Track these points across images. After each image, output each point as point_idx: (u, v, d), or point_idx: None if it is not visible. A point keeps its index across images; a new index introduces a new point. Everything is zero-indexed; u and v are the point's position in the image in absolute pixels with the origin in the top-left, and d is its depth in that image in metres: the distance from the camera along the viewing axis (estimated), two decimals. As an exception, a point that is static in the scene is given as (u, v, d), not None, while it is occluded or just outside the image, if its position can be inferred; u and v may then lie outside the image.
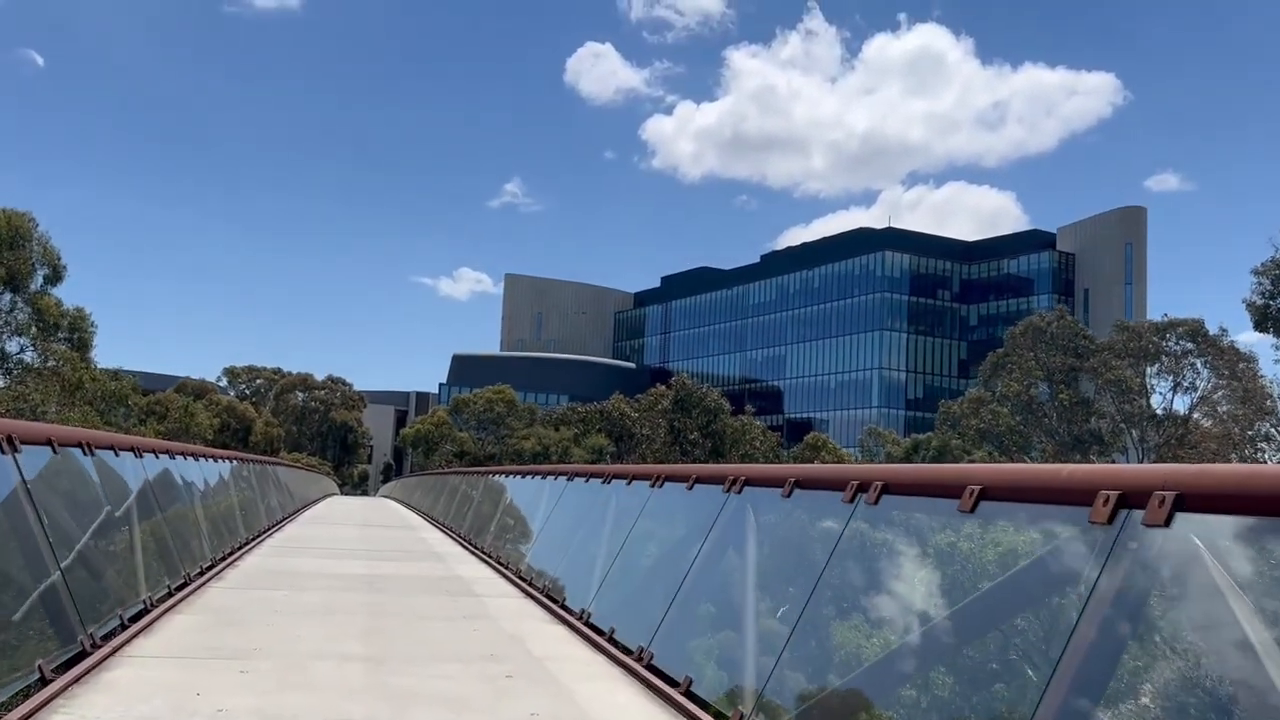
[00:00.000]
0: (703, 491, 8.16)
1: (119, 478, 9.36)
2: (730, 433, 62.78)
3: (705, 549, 7.39)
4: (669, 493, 9.01)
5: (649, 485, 9.35)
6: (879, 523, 5.38)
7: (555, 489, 13.92)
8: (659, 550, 8.92)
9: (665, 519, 9.17)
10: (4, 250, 26.96)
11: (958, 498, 4.63)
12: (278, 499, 23.50)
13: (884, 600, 5.26)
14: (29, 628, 6.18)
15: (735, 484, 7.30)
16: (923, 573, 4.97)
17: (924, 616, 4.81)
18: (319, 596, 10.16)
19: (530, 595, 11.14)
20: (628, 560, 9.26)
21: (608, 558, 9.80)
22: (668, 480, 9.06)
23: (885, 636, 5.24)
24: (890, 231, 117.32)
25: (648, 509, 9.33)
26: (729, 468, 7.78)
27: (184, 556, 10.76)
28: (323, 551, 15.61)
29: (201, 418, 61.04)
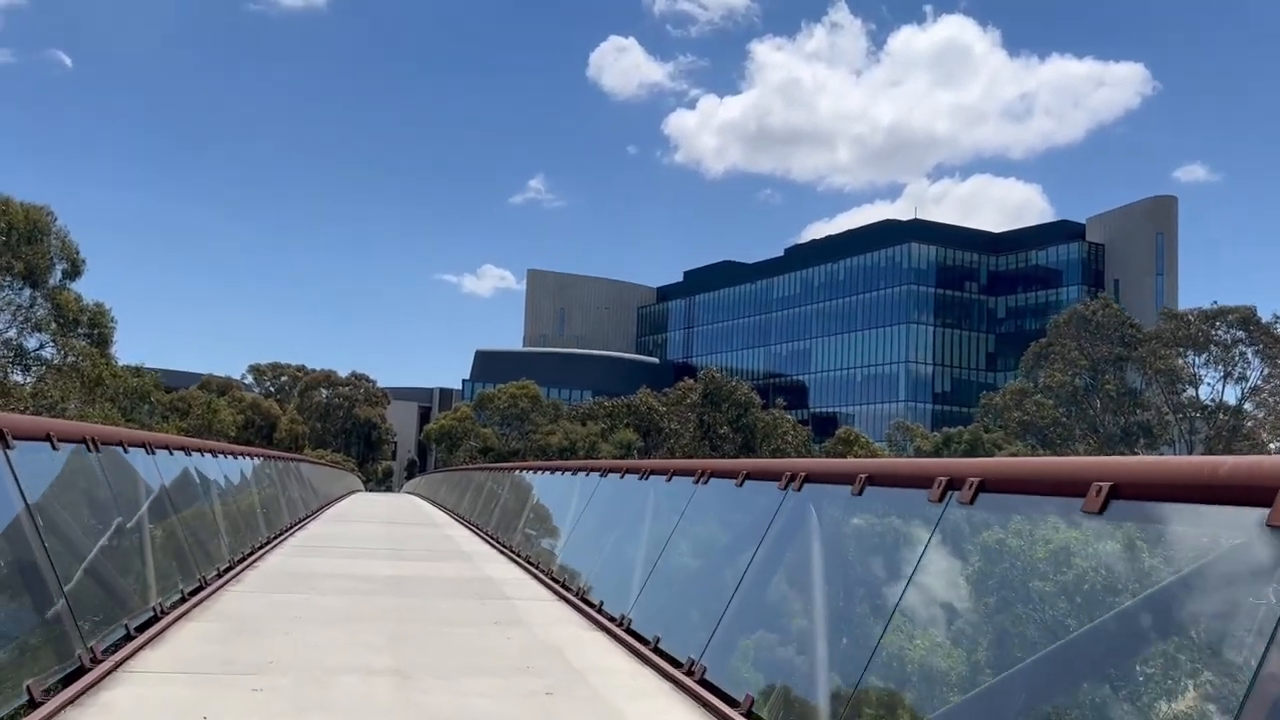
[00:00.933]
0: (755, 489, 7.51)
1: (129, 476, 8.81)
2: (761, 427, 61.79)
3: (762, 552, 6.74)
4: (715, 490, 8.37)
5: (692, 482, 8.71)
6: (976, 525, 4.72)
7: (587, 486, 13.30)
8: (707, 553, 8.27)
9: (712, 519, 8.53)
10: (22, 245, 26.57)
11: (1079, 495, 3.97)
12: (301, 496, 23.02)
13: (979, 614, 4.59)
14: (20, 642, 5.61)
15: (794, 480, 6.65)
16: (1036, 584, 4.30)
17: (1040, 635, 4.14)
18: (342, 601, 9.57)
19: (564, 598, 10.53)
20: (670, 563, 8.62)
21: (648, 560, 9.17)
22: (714, 476, 8.42)
23: (978, 656, 4.58)
24: (916, 223, 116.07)
25: (691, 508, 8.69)
26: (785, 462, 7.12)
27: (200, 558, 10.20)
28: (346, 551, 15.07)
29: (224, 414, 60.83)
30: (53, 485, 6.87)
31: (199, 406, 57.82)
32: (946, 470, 5.02)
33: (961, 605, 4.71)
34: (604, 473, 12.61)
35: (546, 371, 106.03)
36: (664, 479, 9.75)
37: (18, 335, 27.89)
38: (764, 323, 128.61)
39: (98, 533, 7.46)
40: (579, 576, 11.08)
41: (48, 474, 6.82)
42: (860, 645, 5.14)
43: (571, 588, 10.92)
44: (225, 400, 74.25)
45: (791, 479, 6.71)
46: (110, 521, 7.78)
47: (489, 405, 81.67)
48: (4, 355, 26.68)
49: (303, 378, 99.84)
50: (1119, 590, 3.76)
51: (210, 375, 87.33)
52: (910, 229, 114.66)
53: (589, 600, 10.14)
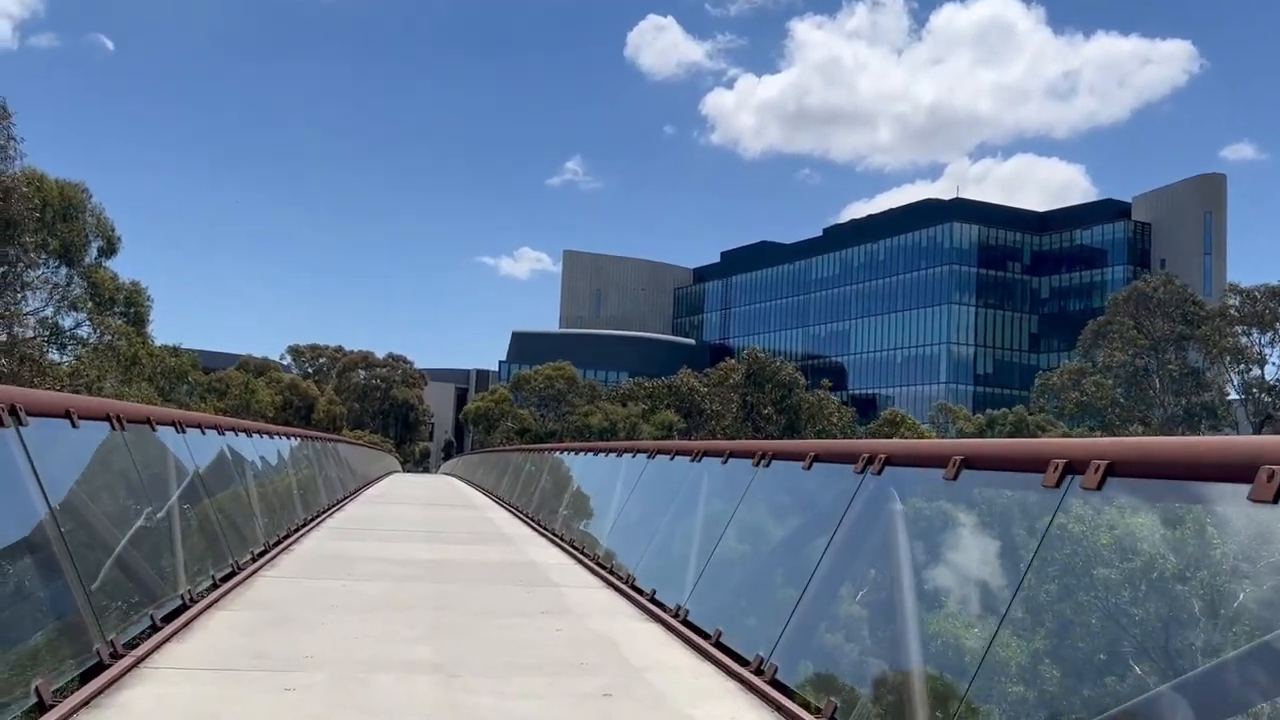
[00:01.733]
0: (826, 472, 6.91)
1: (158, 456, 8.36)
2: (806, 408, 60.74)
3: (838, 542, 6.14)
4: (779, 474, 7.78)
5: (752, 464, 8.12)
6: (1109, 514, 4.10)
7: (634, 468, 12.75)
8: (771, 541, 7.69)
9: (776, 504, 7.95)
10: (57, 222, 26.35)
11: (1244, 482, 3.36)
12: (338, 477, 22.69)
13: (1104, 614, 3.98)
14: (34, 637, 5.14)
15: (873, 463, 6.04)
16: (1198, 582, 3.67)
17: (1199, 644, 3.53)
18: (380, 587, 9.10)
19: (613, 586, 9.99)
20: (730, 551, 8.04)
21: (703, 547, 8.60)
22: (776, 458, 7.82)
23: (1110, 667, 3.98)
24: (958, 202, 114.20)
25: (752, 492, 8.11)
26: (861, 444, 6.51)
27: (233, 542, 9.77)
28: (384, 534, 14.64)
29: (262, 394, 60.85)
30: (72, 466, 6.41)
31: (237, 387, 57.78)
32: (1065, 452, 4.40)
33: (1093, 603, 4.10)
34: (651, 454, 12.06)
35: (582, 353, 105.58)
36: (719, 461, 9.17)
37: (54, 314, 27.83)
38: (802, 304, 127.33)
39: (122, 516, 7.01)
40: (627, 563, 10.55)
41: (67, 454, 6.36)
42: (963, 652, 4.55)
43: (620, 574, 10.39)
44: (263, 381, 74.50)
45: (870, 461, 6.11)
46: (136, 504, 7.33)
47: (525, 386, 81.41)
48: (40, 334, 26.58)
49: (341, 359, 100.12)
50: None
51: (249, 356, 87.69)
52: (952, 208, 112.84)
53: (639, 588, 9.60)
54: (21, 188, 22.09)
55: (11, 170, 22.07)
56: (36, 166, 25.46)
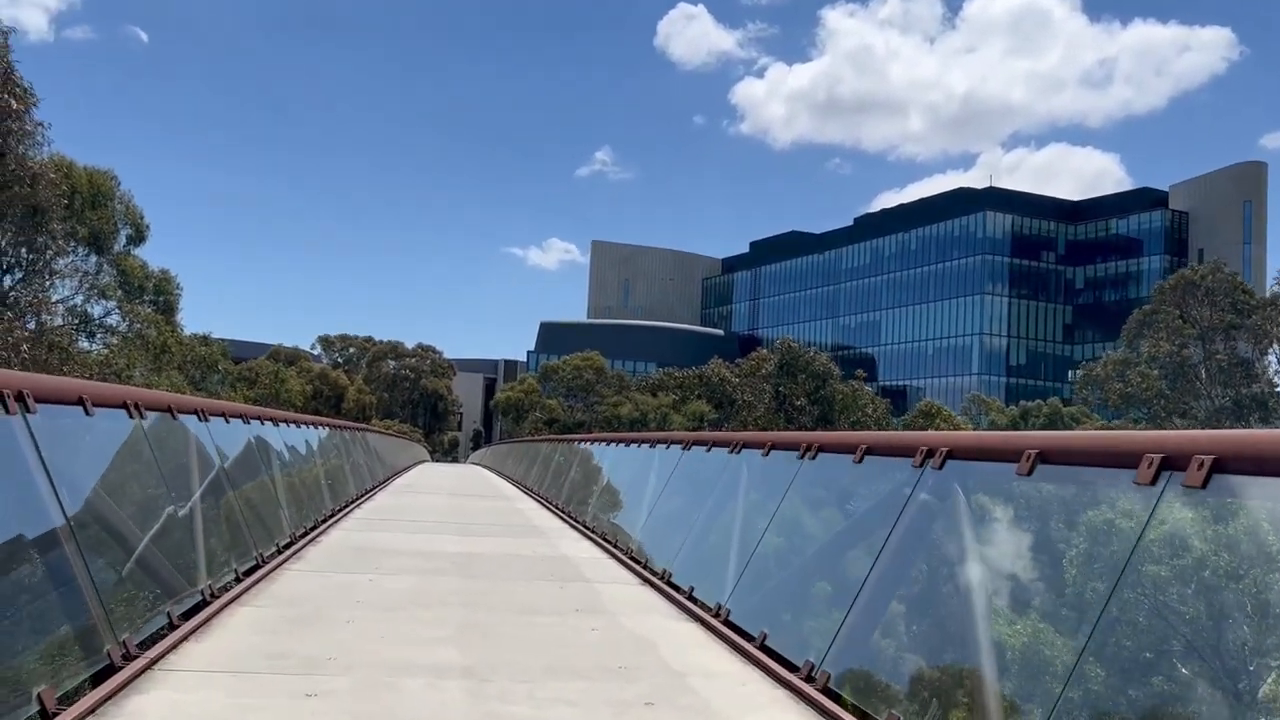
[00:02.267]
0: (880, 466, 6.51)
1: (179, 445, 8.07)
2: (840, 399, 59.92)
3: (895, 541, 5.74)
4: (826, 467, 7.37)
5: (797, 457, 7.72)
6: (1219, 515, 3.68)
7: (668, 459, 12.38)
8: (819, 538, 7.28)
9: (823, 500, 7.55)
10: (86, 210, 26.25)
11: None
12: (367, 467, 22.48)
13: (1240, 630, 3.57)
14: (40, 639, 4.83)
15: (933, 456, 5.63)
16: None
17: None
18: (408, 582, 8.78)
19: (648, 582, 9.63)
20: (774, 548, 7.65)
21: (745, 544, 8.22)
22: (824, 451, 7.42)
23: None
24: (991, 191, 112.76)
25: (797, 486, 7.70)
26: (919, 435, 6.11)
27: (257, 534, 9.48)
28: (413, 525, 14.35)
29: (292, 384, 60.88)
30: (84, 456, 6.11)
31: (266, 376, 57.79)
32: (1160, 445, 3.98)
33: (1204, 613, 3.69)
34: (687, 445, 11.68)
35: (610, 343, 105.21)
36: (760, 453, 8.78)
37: (84, 302, 27.79)
38: (832, 294, 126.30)
39: (139, 509, 6.71)
40: (662, 558, 10.18)
41: (79, 443, 6.06)
42: (1045, 664, 4.14)
43: (655, 570, 10.02)
44: (294, 370, 74.70)
45: (930, 454, 5.70)
46: (154, 496, 7.04)
47: (554, 377, 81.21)
48: (69, 322, 26.50)
49: (370, 349, 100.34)
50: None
51: (279, 346, 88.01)
52: (985, 197, 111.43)
53: (675, 585, 9.24)
54: (49, 174, 21.98)
55: (39, 156, 22.01)
56: (65, 154, 25.56)
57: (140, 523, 6.56)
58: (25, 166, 20.87)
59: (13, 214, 21.49)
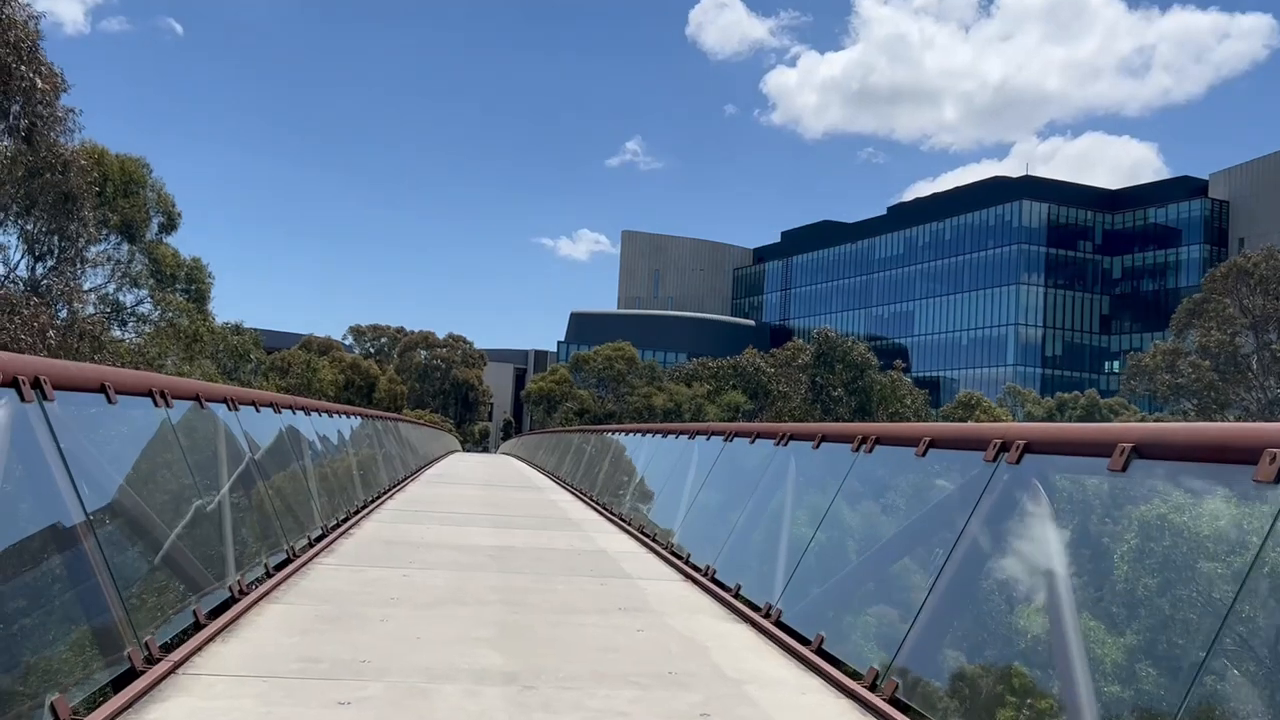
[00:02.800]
0: (945, 460, 6.11)
1: (207, 435, 7.79)
2: (878, 390, 59.04)
3: (965, 542, 5.33)
4: (885, 460, 6.97)
5: (851, 449, 7.31)
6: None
7: (708, 451, 12.00)
8: (879, 537, 6.87)
9: (882, 496, 7.14)
10: (118, 198, 26.16)
11: None
12: (400, 457, 22.26)
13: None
14: (54, 640, 4.53)
15: (1008, 450, 5.23)
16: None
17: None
18: (444, 578, 8.46)
19: (691, 578, 9.26)
20: (828, 547, 7.26)
21: (795, 541, 7.83)
22: (882, 443, 7.02)
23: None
24: (1027, 180, 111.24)
25: (851, 480, 7.31)
26: (991, 428, 5.69)
27: (288, 527, 9.20)
28: (446, 516, 14.07)
29: (324, 373, 60.88)
30: (107, 445, 5.81)
31: (299, 365, 57.79)
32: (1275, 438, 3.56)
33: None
34: (728, 436, 11.30)
35: (640, 333, 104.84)
36: (810, 445, 8.39)
37: (115, 290, 27.69)
38: (865, 284, 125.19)
39: (164, 502, 6.41)
40: (705, 553, 9.82)
41: (101, 432, 5.76)
42: (1154, 684, 3.73)
43: (698, 566, 9.66)
44: (326, 360, 74.85)
45: (1004, 448, 5.30)
46: (181, 488, 6.74)
47: (585, 367, 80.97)
48: (100, 310, 26.42)
49: (401, 339, 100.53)
50: None
51: (311, 336, 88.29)
52: (1021, 185, 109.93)
53: (719, 581, 8.87)
54: (80, 161, 21.85)
55: (70, 143, 21.90)
56: (97, 141, 25.48)
57: (165, 516, 6.26)
58: (56, 153, 20.78)
59: (44, 201, 21.40)
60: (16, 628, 4.17)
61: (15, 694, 3.93)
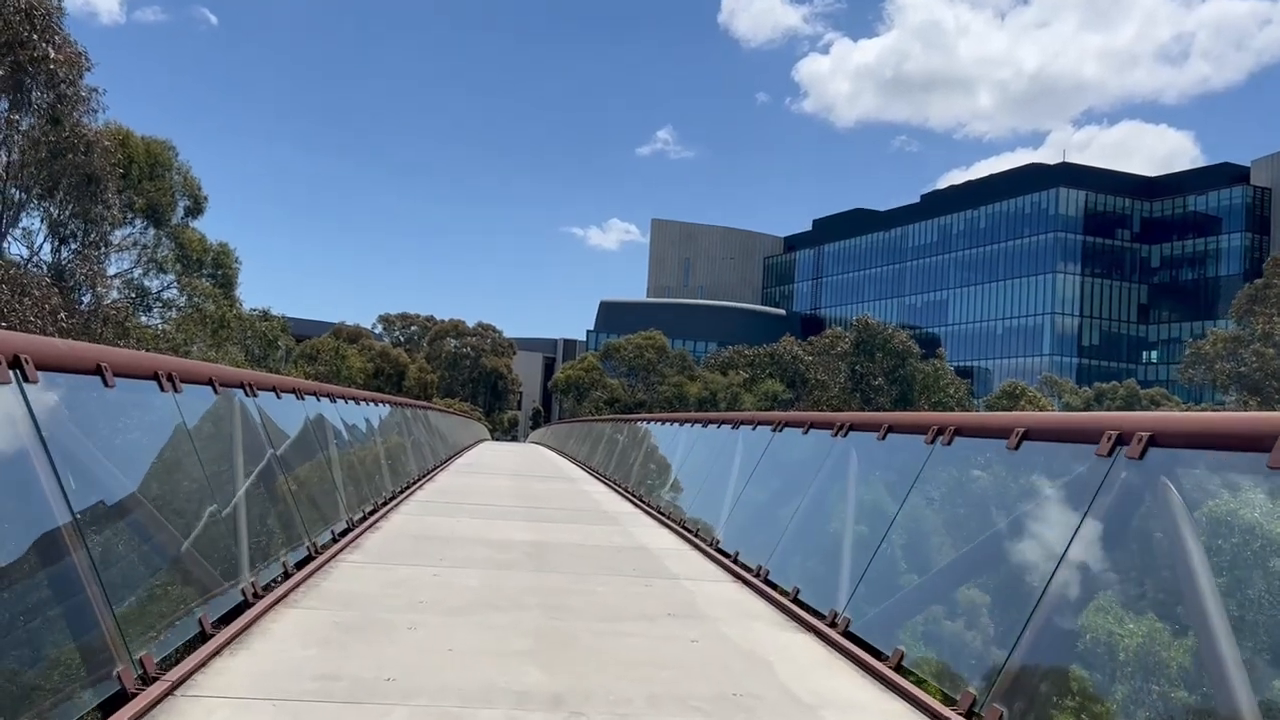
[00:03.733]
0: (1044, 454, 5.40)
1: (223, 423, 7.19)
2: (920, 379, 57.77)
3: (1079, 547, 4.62)
4: (965, 454, 6.27)
5: (925, 442, 6.60)
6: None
7: (755, 441, 11.32)
8: (966, 540, 6.17)
9: (965, 492, 6.43)
10: (144, 181, 25.65)
11: None
12: (429, 445, 21.73)
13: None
14: (32, 658, 3.92)
15: (1126, 443, 4.51)
16: None
17: None
18: (476, 578, 7.83)
19: (742, 579, 8.59)
20: (903, 549, 6.56)
21: (861, 541, 7.14)
22: (961, 434, 6.31)
23: None
24: (1064, 167, 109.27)
25: (927, 475, 6.60)
26: (1102, 417, 4.96)
27: (310, 521, 8.61)
28: (477, 509, 13.47)
29: (353, 360, 60.45)
30: (100, 433, 5.20)
31: (327, 353, 57.36)
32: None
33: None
34: (778, 426, 10.60)
35: (670, 322, 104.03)
36: (873, 436, 7.69)
37: (142, 275, 27.22)
38: (898, 273, 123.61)
39: (168, 495, 5.81)
40: (755, 552, 9.14)
41: (94, 419, 5.16)
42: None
43: (748, 566, 8.99)
44: (355, 349, 74.62)
45: (1121, 440, 4.58)
46: (190, 479, 6.14)
47: (615, 355, 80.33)
48: (125, 295, 25.96)
49: (431, 327, 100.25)
50: None
51: (341, 324, 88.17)
52: (1057, 173, 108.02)
53: (773, 583, 8.20)
54: (104, 142, 21.36)
55: (93, 124, 21.43)
56: (122, 123, 24.99)
57: (170, 512, 5.66)
58: (79, 133, 20.31)
59: (67, 183, 20.94)
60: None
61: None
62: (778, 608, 7.41)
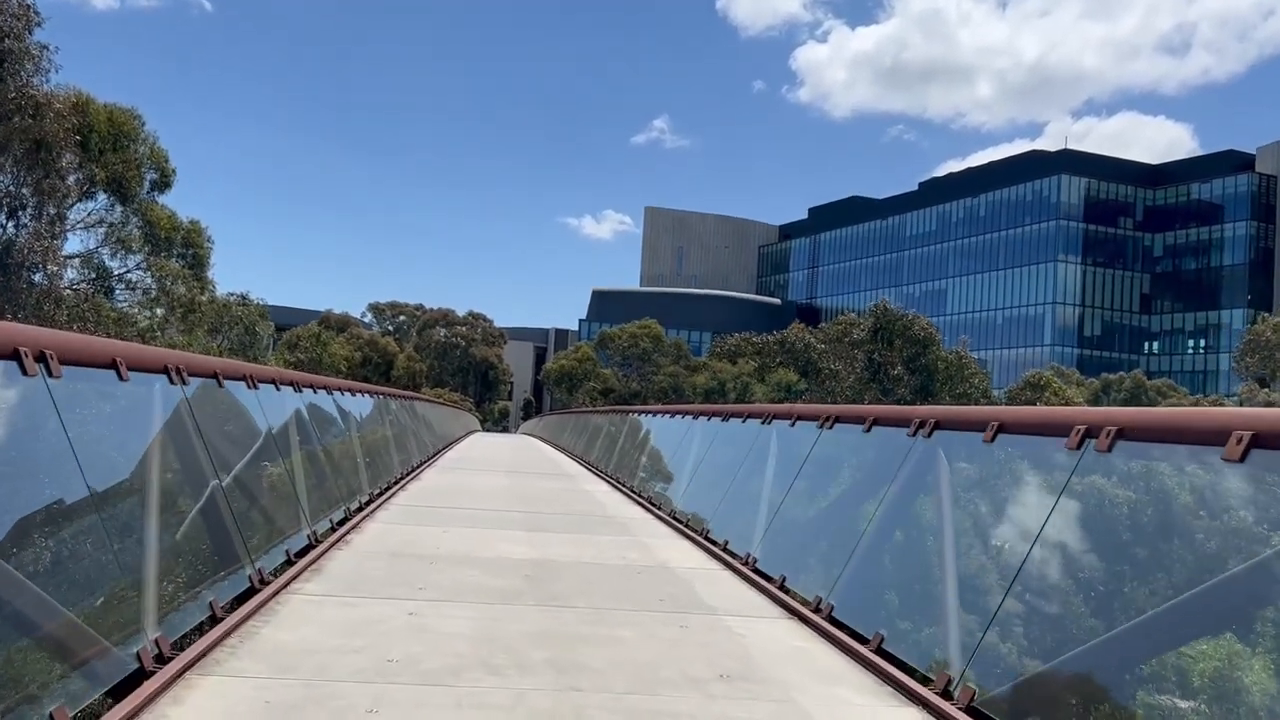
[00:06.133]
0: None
1: (128, 421, 5.47)
2: (943, 368, 55.61)
3: None
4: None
5: (1067, 446, 4.88)
6: None
7: (794, 439, 9.59)
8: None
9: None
10: (107, 152, 23.51)
11: None
12: (415, 439, 19.99)
13: None
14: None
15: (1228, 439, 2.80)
16: None
17: None
18: (467, 619, 6.09)
19: (800, 617, 6.86)
20: (1054, 586, 4.83)
21: (969, 577, 5.44)
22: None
23: None
24: (1066, 154, 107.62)
25: (1074, 492, 4.87)
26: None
27: (257, 542, 6.85)
28: (467, 515, 11.73)
29: (334, 348, 58.16)
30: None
31: (308, 340, 55.11)
32: None
33: None
34: (826, 421, 8.82)
35: (664, 311, 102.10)
36: (978, 438, 5.95)
37: (111, 256, 25.15)
38: (895, 261, 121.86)
39: (23, 532, 4.05)
40: (808, 578, 7.44)
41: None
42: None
43: (803, 597, 7.26)
44: (343, 337, 72.72)
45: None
46: (59, 503, 4.40)
47: (609, 345, 78.56)
48: (85, 276, 23.91)
49: (421, 316, 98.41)
50: None
51: (329, 312, 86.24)
52: (1059, 160, 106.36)
53: (841, 623, 6.49)
54: (55, 104, 19.38)
55: (44, 85, 19.47)
56: (84, 89, 22.90)
57: (26, 545, 3.89)
58: (27, 94, 18.36)
59: (13, 149, 18.99)
60: None
61: None
62: (859, 662, 5.69)
